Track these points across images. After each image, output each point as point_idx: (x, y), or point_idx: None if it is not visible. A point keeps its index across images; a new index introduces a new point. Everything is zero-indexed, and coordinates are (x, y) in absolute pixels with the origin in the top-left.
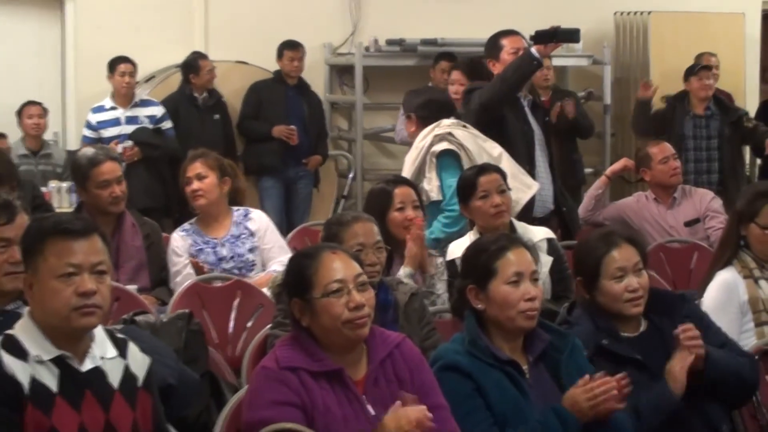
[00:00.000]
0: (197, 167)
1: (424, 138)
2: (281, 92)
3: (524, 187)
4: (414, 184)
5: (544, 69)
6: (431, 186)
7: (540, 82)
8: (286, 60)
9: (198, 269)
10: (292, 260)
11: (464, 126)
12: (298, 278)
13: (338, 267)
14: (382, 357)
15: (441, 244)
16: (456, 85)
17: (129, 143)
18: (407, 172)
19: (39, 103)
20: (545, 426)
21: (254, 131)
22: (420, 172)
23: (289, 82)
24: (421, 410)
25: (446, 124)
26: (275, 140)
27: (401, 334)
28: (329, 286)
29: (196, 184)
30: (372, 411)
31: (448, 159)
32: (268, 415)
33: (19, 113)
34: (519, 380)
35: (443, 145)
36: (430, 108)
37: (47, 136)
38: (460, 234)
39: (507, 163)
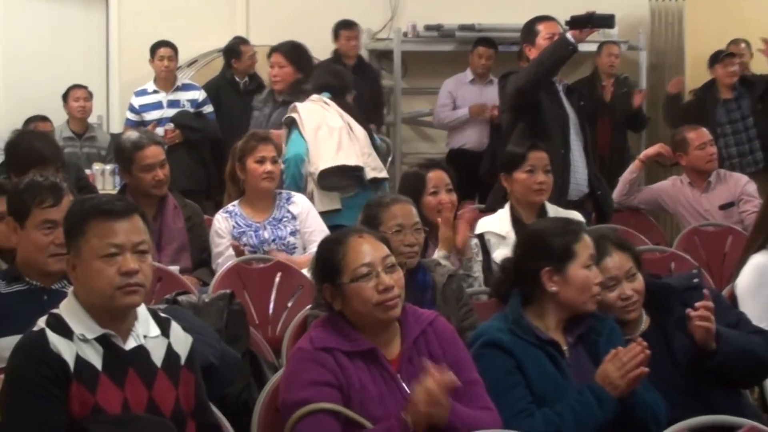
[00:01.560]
0: (271, 150)
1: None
2: None
3: (329, 158)
4: (447, 168)
5: (612, 56)
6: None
7: (606, 69)
8: (343, 40)
9: (237, 252)
10: (320, 247)
11: (325, 102)
12: (327, 264)
13: (366, 250)
14: (416, 335)
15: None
16: (276, 68)
17: (170, 126)
18: None
19: (84, 87)
20: (581, 403)
21: None
22: None
23: (347, 63)
24: (443, 374)
25: (311, 99)
26: None
27: (434, 311)
28: (358, 270)
29: (269, 166)
30: (407, 388)
31: (292, 127)
32: (306, 395)
33: (65, 96)
34: (559, 360)
35: (288, 116)
36: (316, 82)
37: (91, 119)
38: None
39: (334, 140)
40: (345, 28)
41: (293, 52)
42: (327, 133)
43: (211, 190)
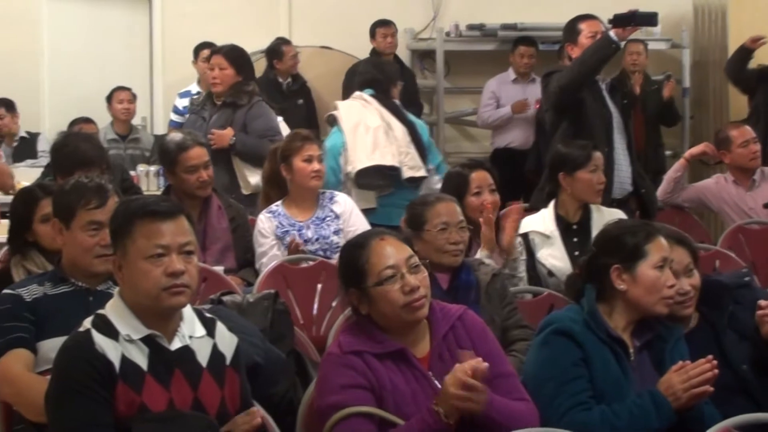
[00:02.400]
0: (317, 149)
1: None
2: None
3: (365, 158)
4: (491, 168)
5: (634, 54)
6: None
7: (628, 67)
8: (380, 38)
9: (294, 247)
10: (343, 252)
11: (365, 99)
12: (352, 269)
13: (389, 253)
14: (444, 331)
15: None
16: (216, 70)
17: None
18: None
19: (128, 89)
20: (640, 407)
21: None
22: None
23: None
24: (473, 360)
25: (353, 97)
26: None
27: (462, 306)
28: (382, 273)
29: (317, 165)
30: (439, 385)
31: (333, 123)
32: (338, 399)
33: (109, 98)
34: (624, 360)
35: (329, 113)
36: (356, 78)
37: (135, 120)
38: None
39: (371, 138)
40: (381, 26)
41: (234, 54)
42: (364, 131)
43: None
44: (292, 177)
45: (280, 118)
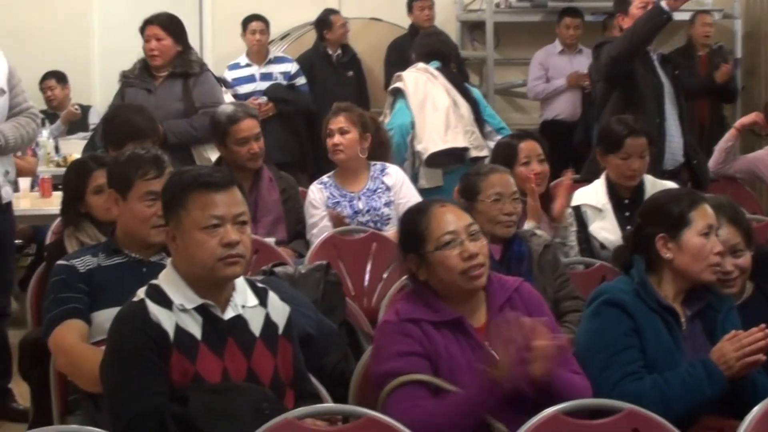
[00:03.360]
0: (340, 121)
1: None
2: None
3: (439, 141)
4: (540, 138)
5: (706, 26)
6: (385, 120)
7: (700, 39)
8: (417, 11)
9: (338, 221)
10: (403, 217)
11: (431, 73)
12: (411, 234)
13: (449, 219)
14: (501, 302)
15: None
16: (152, 41)
17: (263, 99)
18: None
19: None
20: (692, 375)
21: None
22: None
23: None
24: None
25: (416, 68)
26: None
27: (519, 278)
28: (442, 238)
29: (337, 138)
30: (495, 356)
31: (397, 96)
32: (395, 366)
33: None
34: (675, 330)
35: (394, 85)
36: (423, 49)
37: None
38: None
39: (441, 117)
40: None
41: (171, 24)
42: (432, 108)
43: (304, 162)
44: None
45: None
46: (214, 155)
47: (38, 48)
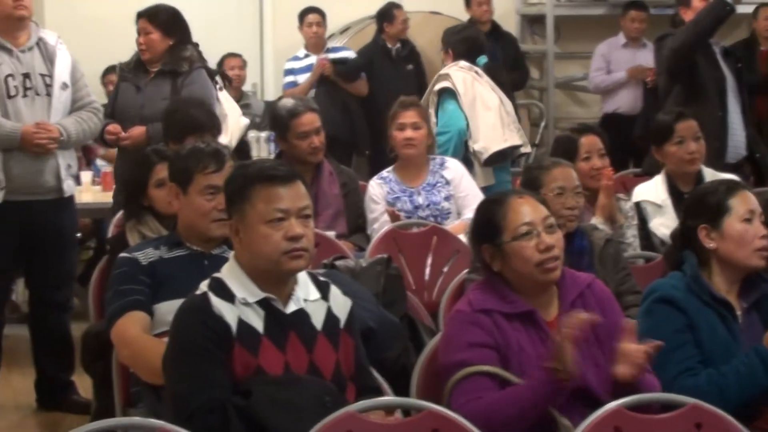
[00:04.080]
0: (413, 116)
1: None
2: None
3: (500, 139)
4: (601, 132)
5: None
6: (432, 120)
7: (763, 32)
8: (475, 5)
9: (394, 217)
10: (480, 207)
11: (476, 72)
12: (487, 224)
13: (526, 210)
14: (573, 298)
15: None
16: (141, 35)
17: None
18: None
19: (239, 55)
20: (746, 365)
21: None
22: (426, 104)
23: (482, 29)
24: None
25: (459, 66)
26: None
27: (591, 274)
28: (518, 229)
29: (410, 133)
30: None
31: (445, 95)
32: (464, 356)
33: (220, 65)
34: (731, 323)
35: (441, 84)
36: (466, 44)
37: (246, 87)
38: None
39: (494, 115)
40: None
41: (160, 17)
42: (484, 108)
43: (358, 143)
44: (394, 144)
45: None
46: None
47: (100, 42)
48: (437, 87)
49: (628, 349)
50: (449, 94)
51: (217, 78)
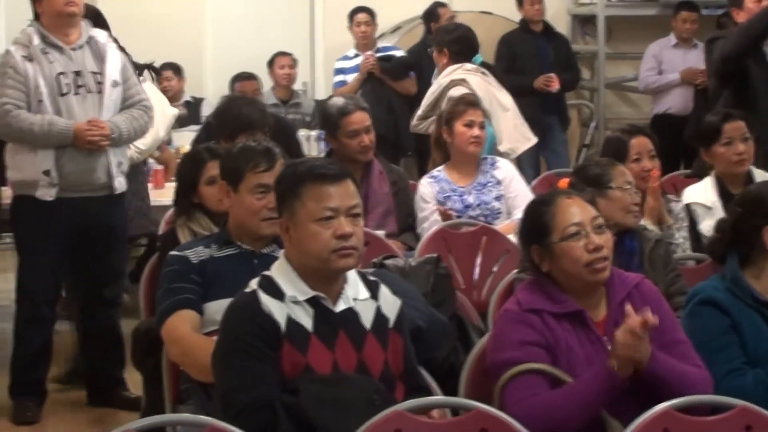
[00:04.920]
0: (481, 115)
1: (445, 77)
2: (531, 43)
3: (524, 139)
4: (651, 134)
5: None
6: None
7: None
8: (527, 5)
9: (445, 217)
10: (528, 208)
11: (483, 73)
12: (536, 225)
13: (575, 211)
14: (622, 298)
15: None
16: None
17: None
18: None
19: (289, 54)
20: None
21: (514, 86)
22: (433, 107)
23: (534, 29)
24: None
25: (466, 69)
26: (534, 92)
27: (639, 274)
28: (567, 229)
29: (477, 131)
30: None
31: None
32: (514, 355)
33: (270, 64)
34: None
35: (460, 90)
36: (462, 43)
37: (296, 86)
38: None
39: (513, 115)
40: None
41: (89, 17)
42: (502, 109)
43: (402, 142)
44: (452, 141)
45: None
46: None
47: (154, 41)
48: (456, 93)
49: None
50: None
51: (146, 72)
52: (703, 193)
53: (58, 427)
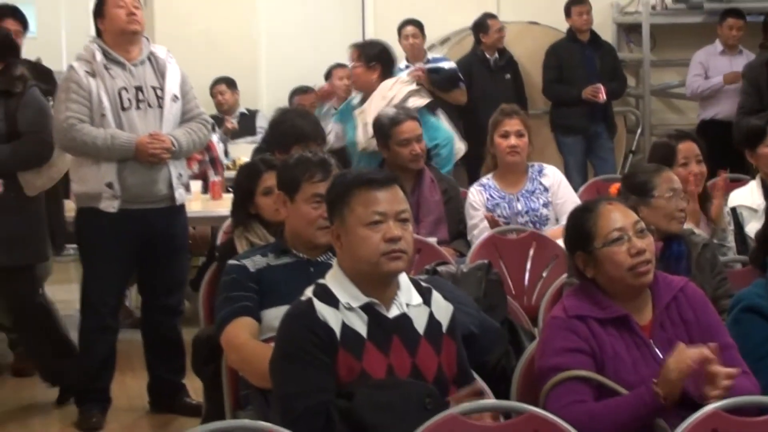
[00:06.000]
0: (517, 124)
1: (391, 88)
2: (578, 52)
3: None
4: (698, 139)
5: None
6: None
7: None
8: (575, 15)
9: (493, 224)
10: (571, 216)
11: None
12: (579, 232)
13: (617, 217)
14: (667, 301)
15: None
16: None
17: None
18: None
19: (346, 66)
20: None
21: (562, 96)
22: None
23: (581, 38)
24: (702, 349)
25: (402, 81)
26: (582, 101)
27: (684, 277)
28: (610, 235)
29: (514, 140)
30: (660, 354)
31: (422, 110)
32: (559, 361)
33: (328, 75)
34: None
35: (421, 100)
36: (388, 55)
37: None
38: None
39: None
40: (576, 4)
41: None
42: (442, 114)
43: None
44: (494, 151)
45: None
46: (38, 180)
47: (208, 55)
48: (417, 104)
49: (715, 372)
50: (426, 108)
51: None
52: (749, 196)
53: None
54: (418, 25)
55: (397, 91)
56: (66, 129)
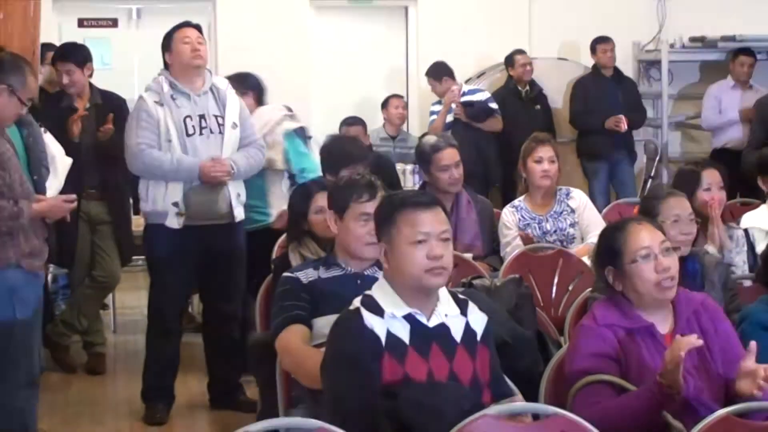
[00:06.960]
0: (550, 150)
1: (270, 114)
2: (602, 86)
3: None
4: (720, 167)
5: None
6: (279, 157)
7: None
8: (600, 53)
9: (527, 240)
10: (603, 233)
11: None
12: (610, 248)
13: (645, 236)
14: (688, 314)
15: None
16: None
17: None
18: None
19: (401, 97)
20: None
21: (587, 125)
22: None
23: (605, 74)
24: (690, 338)
25: (272, 108)
26: (606, 131)
27: (703, 293)
28: (638, 252)
29: (548, 166)
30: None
31: (292, 136)
32: (587, 365)
33: (385, 104)
34: None
35: (292, 125)
36: (261, 86)
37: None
38: None
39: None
40: (601, 42)
41: None
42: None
43: (489, 178)
44: (527, 176)
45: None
46: None
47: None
48: (289, 128)
49: (751, 368)
50: (296, 133)
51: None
52: (761, 217)
53: (183, 427)
54: (452, 75)
55: (272, 115)
56: (136, 153)
